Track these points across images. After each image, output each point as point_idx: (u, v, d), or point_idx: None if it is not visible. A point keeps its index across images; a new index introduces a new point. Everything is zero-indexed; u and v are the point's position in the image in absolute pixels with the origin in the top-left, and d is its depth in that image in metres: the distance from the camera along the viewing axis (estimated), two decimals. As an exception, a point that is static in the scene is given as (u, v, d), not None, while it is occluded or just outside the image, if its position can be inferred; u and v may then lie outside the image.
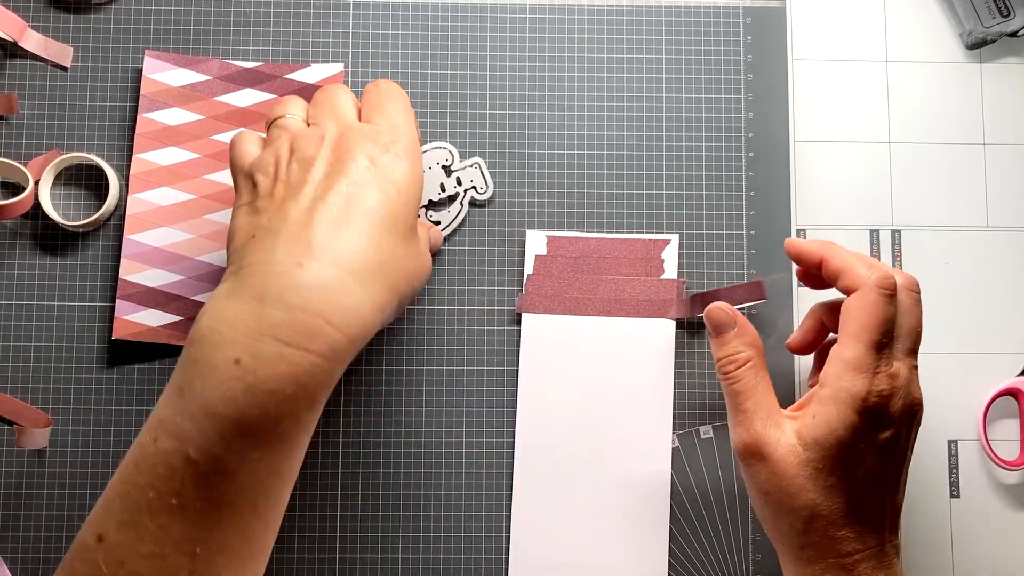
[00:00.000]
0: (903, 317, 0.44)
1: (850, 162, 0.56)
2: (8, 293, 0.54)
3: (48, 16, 0.56)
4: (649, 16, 0.57)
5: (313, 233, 0.38)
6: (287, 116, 0.45)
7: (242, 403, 0.36)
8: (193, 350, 0.37)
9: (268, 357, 0.36)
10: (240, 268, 0.39)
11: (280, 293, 0.37)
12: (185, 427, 0.36)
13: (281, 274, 0.37)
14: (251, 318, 0.36)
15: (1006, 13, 0.56)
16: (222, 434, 0.36)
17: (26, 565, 0.52)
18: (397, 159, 0.43)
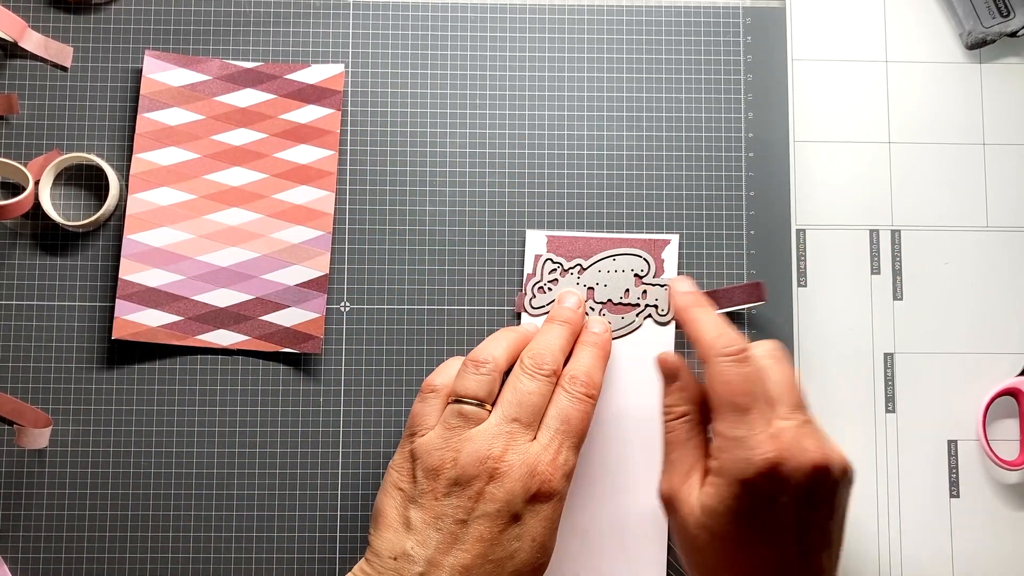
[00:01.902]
0: (771, 379, 0.44)
1: (850, 162, 0.56)
2: (8, 293, 0.54)
3: (48, 16, 0.56)
4: (649, 16, 0.57)
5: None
6: (468, 403, 0.46)
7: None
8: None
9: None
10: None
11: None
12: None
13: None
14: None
15: (1006, 13, 0.56)
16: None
17: (26, 565, 0.52)
18: (544, 503, 0.44)
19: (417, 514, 0.44)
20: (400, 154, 0.55)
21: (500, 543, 0.43)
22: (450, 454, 0.45)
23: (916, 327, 0.55)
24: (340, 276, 0.54)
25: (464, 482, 0.44)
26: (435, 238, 0.55)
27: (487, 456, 0.44)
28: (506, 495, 0.44)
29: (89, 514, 0.52)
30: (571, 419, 0.46)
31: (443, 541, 0.43)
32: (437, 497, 0.44)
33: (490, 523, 0.43)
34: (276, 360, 0.54)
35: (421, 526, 0.44)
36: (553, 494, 0.44)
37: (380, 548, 0.45)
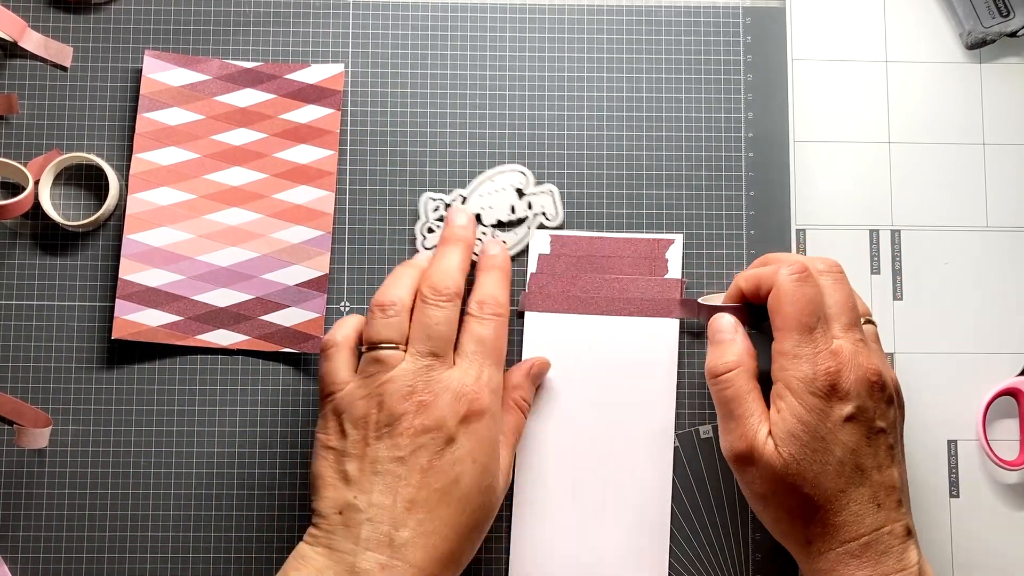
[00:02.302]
0: (829, 297, 0.46)
1: (850, 162, 0.56)
2: (8, 293, 0.54)
3: (48, 16, 0.56)
4: (649, 16, 0.57)
5: (395, 529, 0.43)
6: (382, 347, 0.47)
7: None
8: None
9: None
10: (330, 547, 0.44)
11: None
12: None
13: (366, 572, 0.42)
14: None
15: (1006, 13, 0.56)
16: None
17: (26, 565, 0.52)
18: (477, 421, 0.45)
19: (353, 465, 0.45)
20: (400, 154, 0.55)
21: (441, 469, 0.44)
22: (374, 400, 0.45)
23: (916, 327, 0.55)
24: (340, 276, 0.54)
25: (393, 422, 0.44)
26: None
27: (410, 392, 0.45)
28: (436, 422, 0.44)
29: (89, 514, 0.52)
30: (486, 340, 0.47)
31: (384, 482, 0.44)
32: (369, 443, 0.45)
33: (427, 453, 0.44)
34: (276, 360, 0.54)
35: (359, 475, 0.44)
36: (483, 412, 0.45)
37: (324, 508, 0.45)
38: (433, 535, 0.43)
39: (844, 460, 0.44)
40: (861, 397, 0.44)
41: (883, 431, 0.45)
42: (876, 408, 0.45)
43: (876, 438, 0.44)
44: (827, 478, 0.44)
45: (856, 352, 0.45)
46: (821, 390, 0.44)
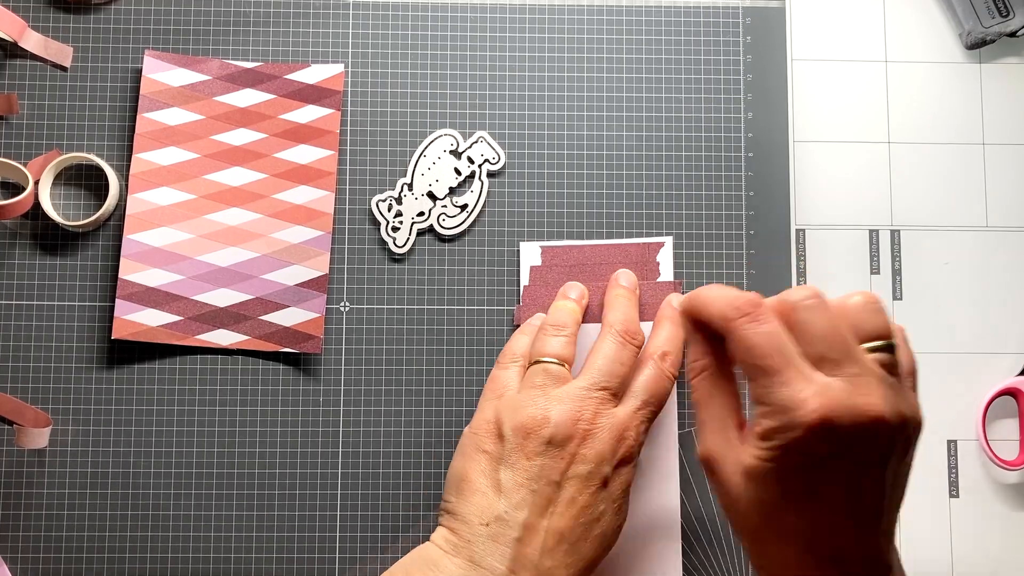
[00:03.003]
0: (811, 331, 0.38)
1: (850, 162, 0.56)
2: (8, 293, 0.54)
3: (48, 16, 0.56)
4: (649, 16, 0.57)
5: (541, 555, 0.43)
6: (551, 363, 0.47)
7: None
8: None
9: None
10: (473, 560, 0.43)
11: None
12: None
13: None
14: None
15: (1005, 13, 0.56)
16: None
17: (26, 565, 0.52)
18: (626, 466, 0.45)
19: (508, 475, 0.44)
20: (400, 154, 0.55)
21: (591, 506, 0.44)
22: (540, 412, 0.45)
23: (916, 327, 0.55)
24: (340, 276, 0.54)
25: (558, 442, 0.44)
26: (435, 237, 0.55)
27: (579, 418, 0.44)
28: (597, 456, 0.44)
29: (89, 514, 0.52)
30: (657, 393, 0.47)
31: (537, 504, 0.43)
32: (529, 456, 0.44)
33: (582, 485, 0.44)
34: (276, 360, 0.54)
35: (513, 488, 0.43)
36: (632, 459, 0.45)
37: (468, 514, 0.44)
38: (572, 568, 0.43)
39: (810, 505, 0.38)
40: (856, 441, 0.37)
41: (875, 473, 0.38)
42: (871, 451, 0.37)
43: (862, 484, 0.38)
44: (788, 517, 0.38)
45: (852, 391, 0.37)
46: (800, 439, 0.37)
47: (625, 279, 0.52)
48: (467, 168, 0.55)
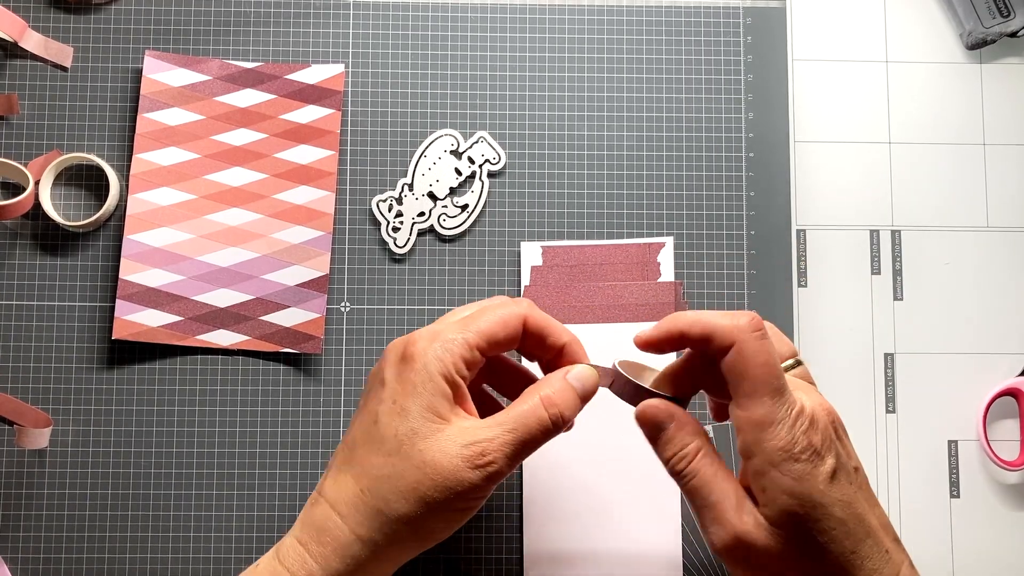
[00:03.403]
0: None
1: (850, 162, 0.56)
2: (8, 293, 0.54)
3: (48, 16, 0.56)
4: (649, 16, 0.57)
5: (328, 471, 0.44)
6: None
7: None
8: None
9: (270, 569, 0.42)
10: None
11: (296, 523, 0.43)
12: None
13: (304, 508, 0.43)
14: (281, 540, 0.43)
15: (1006, 13, 0.56)
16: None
17: (26, 565, 0.52)
18: (406, 365, 0.43)
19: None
20: (400, 154, 0.55)
21: (368, 409, 0.43)
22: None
23: (916, 327, 0.55)
24: (340, 276, 0.54)
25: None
26: (435, 237, 0.55)
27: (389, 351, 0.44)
28: (380, 365, 0.44)
29: (89, 514, 0.52)
30: (463, 311, 0.45)
31: (352, 419, 0.45)
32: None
33: (366, 397, 0.44)
34: (276, 360, 0.54)
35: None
36: (415, 356, 0.42)
37: None
38: (346, 473, 0.42)
39: (846, 519, 0.39)
40: (833, 444, 0.39)
41: (857, 470, 0.41)
42: (845, 449, 0.40)
43: (858, 481, 0.40)
44: (836, 545, 0.39)
45: (811, 400, 0.40)
46: (804, 454, 0.38)
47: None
48: (467, 168, 0.55)
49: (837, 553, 0.39)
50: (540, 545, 0.52)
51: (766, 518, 0.39)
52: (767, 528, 0.39)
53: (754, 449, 0.39)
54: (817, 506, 0.38)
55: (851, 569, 0.39)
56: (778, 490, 0.38)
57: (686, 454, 0.41)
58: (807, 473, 0.38)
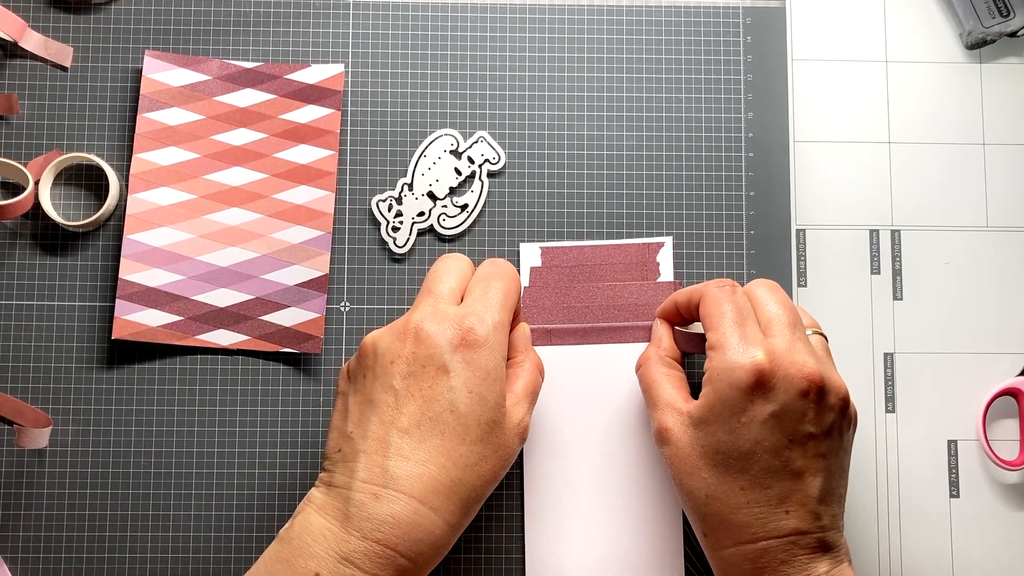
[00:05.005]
0: (766, 303, 0.46)
1: (850, 162, 0.56)
2: (8, 293, 0.54)
3: (48, 16, 0.56)
4: (649, 16, 0.57)
5: (388, 459, 0.42)
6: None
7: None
8: (283, 548, 0.42)
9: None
10: (330, 483, 0.43)
11: (359, 522, 0.41)
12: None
13: (360, 503, 0.41)
14: (334, 538, 0.41)
15: (1006, 13, 0.56)
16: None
17: (26, 565, 0.52)
18: (472, 352, 0.44)
19: (352, 400, 0.45)
20: (400, 154, 0.55)
21: (434, 398, 0.43)
22: (372, 338, 0.45)
23: (916, 327, 0.55)
24: (340, 276, 0.54)
25: (392, 356, 0.44)
26: (435, 237, 0.55)
27: (407, 325, 0.44)
28: (428, 350, 0.43)
29: (89, 514, 0.52)
30: (490, 282, 0.47)
31: (378, 414, 0.43)
32: (367, 377, 0.44)
33: (419, 381, 0.43)
34: (276, 360, 0.54)
35: (357, 410, 0.44)
36: (479, 342, 0.44)
37: (328, 449, 0.45)
38: (428, 463, 0.42)
39: (753, 459, 0.43)
40: (790, 396, 0.42)
41: (812, 437, 0.43)
42: (808, 412, 0.43)
43: (802, 443, 0.43)
44: (729, 473, 0.43)
45: (791, 351, 0.43)
46: (743, 381, 0.42)
47: None
48: (467, 168, 0.55)
49: (727, 481, 0.43)
50: (542, 553, 0.52)
51: (689, 416, 0.45)
52: (683, 429, 0.45)
53: (707, 366, 0.45)
54: (729, 430, 0.43)
55: (733, 500, 0.43)
56: (704, 401, 0.44)
57: (640, 361, 0.50)
58: (734, 399, 0.43)
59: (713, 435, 0.43)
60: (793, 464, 0.43)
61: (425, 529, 0.42)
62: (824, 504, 0.43)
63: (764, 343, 0.44)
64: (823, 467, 0.43)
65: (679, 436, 0.45)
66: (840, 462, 0.44)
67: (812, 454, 0.43)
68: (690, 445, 0.44)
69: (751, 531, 0.43)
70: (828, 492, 0.43)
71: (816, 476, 0.43)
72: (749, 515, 0.43)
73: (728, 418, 0.43)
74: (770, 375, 0.43)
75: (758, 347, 0.43)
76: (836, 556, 0.43)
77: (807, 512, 0.43)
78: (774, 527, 0.42)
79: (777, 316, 0.45)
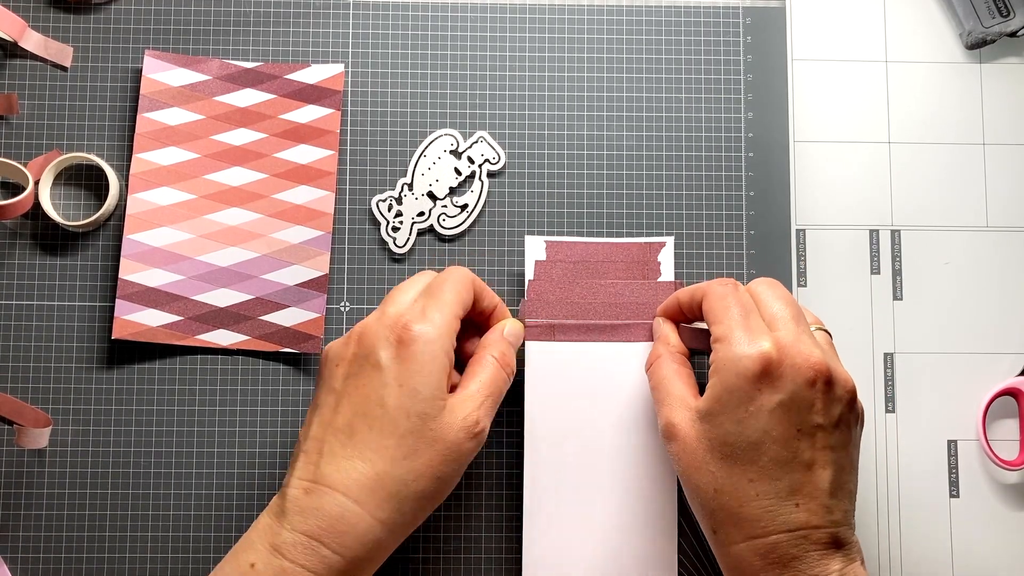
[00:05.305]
0: (770, 300, 0.46)
1: (850, 162, 0.56)
2: (8, 293, 0.54)
3: (48, 16, 0.56)
4: (649, 16, 0.57)
5: (321, 457, 0.44)
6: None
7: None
8: (237, 543, 0.44)
9: (273, 568, 0.42)
10: (287, 480, 0.45)
11: (291, 516, 0.43)
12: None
13: (293, 498, 0.43)
14: (269, 531, 0.43)
15: (1006, 13, 0.56)
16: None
17: (26, 565, 0.52)
18: (406, 347, 0.44)
19: (308, 412, 0.46)
20: (400, 154, 0.55)
21: (365, 394, 0.44)
22: (325, 350, 0.47)
23: (916, 327, 0.55)
24: (340, 276, 0.54)
25: (332, 358, 0.46)
26: (435, 237, 0.55)
27: (351, 331, 0.46)
28: (365, 349, 0.44)
29: (89, 514, 0.52)
30: (431, 285, 0.47)
31: (319, 415, 0.45)
32: (318, 383, 0.46)
33: (355, 380, 0.44)
34: (276, 360, 0.54)
35: (308, 415, 0.46)
36: (414, 338, 0.44)
37: (296, 450, 0.46)
38: (354, 458, 0.43)
39: (761, 450, 0.42)
40: (797, 385, 0.42)
41: (821, 428, 0.43)
42: (816, 402, 0.43)
43: (811, 434, 0.43)
44: (737, 465, 0.43)
45: (798, 342, 0.43)
46: (750, 370, 0.42)
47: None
48: (467, 168, 0.55)
49: (736, 473, 0.43)
50: (539, 552, 0.52)
51: (696, 411, 0.45)
52: (690, 424, 0.44)
53: (712, 358, 0.45)
54: (736, 421, 0.43)
55: (743, 493, 0.43)
56: (711, 393, 0.44)
57: (650, 359, 0.50)
58: (742, 389, 0.43)
59: (720, 427, 0.43)
60: (802, 455, 0.42)
61: (349, 523, 0.42)
62: (835, 498, 0.43)
63: (770, 334, 0.44)
64: (833, 459, 0.43)
65: (686, 431, 0.44)
66: (850, 456, 0.44)
67: (821, 445, 0.43)
68: (697, 439, 0.44)
69: (761, 524, 0.42)
70: (838, 486, 0.43)
71: (826, 468, 0.43)
72: (759, 508, 0.42)
73: (735, 408, 0.43)
74: (777, 364, 0.43)
75: (764, 337, 0.43)
76: (848, 554, 0.43)
77: (818, 505, 0.42)
78: (784, 520, 0.42)
79: (781, 311, 0.45)
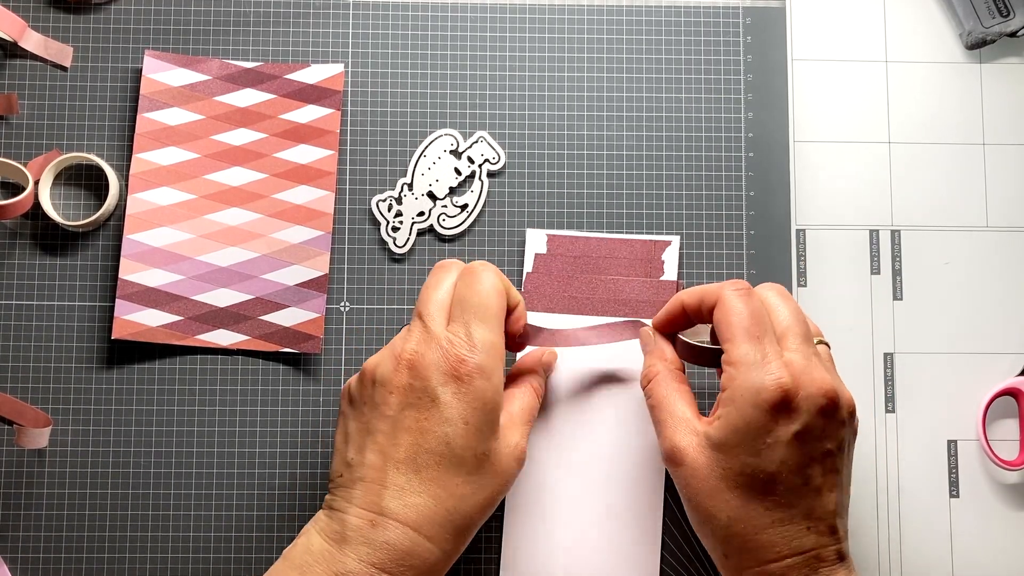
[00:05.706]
0: (778, 312, 0.45)
1: (850, 162, 0.56)
2: (8, 293, 0.54)
3: (48, 16, 0.56)
4: (649, 16, 0.57)
5: (385, 488, 0.43)
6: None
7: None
8: (286, 566, 0.44)
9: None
10: (332, 508, 0.45)
11: (355, 546, 0.43)
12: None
13: (356, 528, 0.43)
14: (331, 559, 0.43)
15: (1006, 13, 0.56)
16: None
17: (26, 565, 0.52)
18: (464, 384, 0.44)
19: (353, 425, 0.45)
20: (400, 154, 0.55)
21: (429, 430, 0.44)
22: (372, 361, 0.46)
23: (916, 327, 0.55)
24: (340, 276, 0.54)
25: (385, 381, 0.44)
26: (435, 237, 0.55)
27: (402, 352, 0.45)
28: (421, 381, 0.44)
29: (89, 514, 0.52)
30: (468, 298, 0.46)
31: (375, 442, 0.44)
32: (366, 402, 0.45)
33: (414, 412, 0.44)
34: (276, 360, 0.54)
35: (357, 435, 0.45)
36: (472, 373, 0.44)
37: (332, 472, 0.46)
38: (423, 494, 0.43)
39: (778, 480, 0.42)
40: (811, 415, 0.42)
41: (830, 454, 0.43)
42: (826, 428, 0.43)
43: (821, 460, 0.43)
44: (755, 495, 0.42)
45: (809, 367, 0.43)
46: (768, 403, 0.42)
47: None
48: (467, 168, 0.55)
49: (752, 503, 0.42)
50: (518, 560, 0.51)
51: (709, 441, 0.43)
52: (701, 451, 0.43)
53: (727, 383, 0.43)
54: (754, 452, 0.42)
55: (758, 522, 0.42)
56: (727, 422, 0.43)
57: (648, 375, 0.48)
58: (760, 422, 0.42)
59: (736, 458, 0.43)
60: (814, 481, 0.43)
61: (420, 556, 0.43)
62: (840, 517, 0.44)
63: (784, 360, 0.43)
64: (838, 482, 0.44)
65: (695, 457, 0.44)
66: (848, 474, 0.45)
67: (829, 469, 0.43)
68: (709, 467, 0.43)
69: (776, 550, 0.42)
70: (843, 506, 0.44)
71: (832, 491, 0.43)
72: (775, 535, 0.42)
73: (753, 440, 0.42)
74: (793, 394, 0.42)
75: (780, 365, 0.42)
76: (848, 565, 0.44)
77: (826, 527, 0.43)
78: (798, 544, 0.42)
79: (791, 327, 0.44)
